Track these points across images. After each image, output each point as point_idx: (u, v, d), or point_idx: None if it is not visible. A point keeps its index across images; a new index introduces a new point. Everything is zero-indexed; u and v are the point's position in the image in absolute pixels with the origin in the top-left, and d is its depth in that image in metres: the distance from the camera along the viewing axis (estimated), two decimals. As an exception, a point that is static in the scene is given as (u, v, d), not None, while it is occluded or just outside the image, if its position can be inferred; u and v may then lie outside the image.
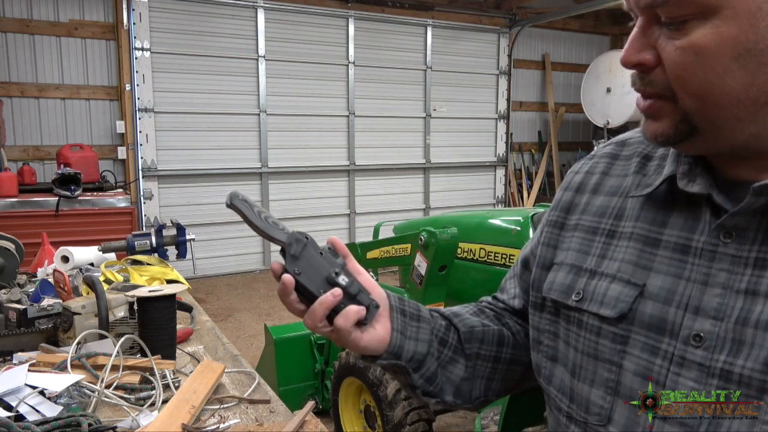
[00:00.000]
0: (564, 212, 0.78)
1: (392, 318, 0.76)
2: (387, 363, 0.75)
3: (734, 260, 0.59)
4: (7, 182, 4.93)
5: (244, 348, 4.32)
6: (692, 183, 0.63)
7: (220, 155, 6.53)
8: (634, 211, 0.69)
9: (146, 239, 2.34)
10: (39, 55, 5.73)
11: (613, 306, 0.65)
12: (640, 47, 0.59)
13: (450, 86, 7.79)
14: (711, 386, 0.58)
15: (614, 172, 0.75)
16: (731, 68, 0.55)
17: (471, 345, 0.81)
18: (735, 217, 0.59)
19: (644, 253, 0.66)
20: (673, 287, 0.62)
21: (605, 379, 0.66)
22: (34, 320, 1.63)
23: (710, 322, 0.59)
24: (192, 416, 1.14)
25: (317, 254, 0.73)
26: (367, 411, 2.71)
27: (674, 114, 0.59)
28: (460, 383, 0.80)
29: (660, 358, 0.62)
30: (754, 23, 0.53)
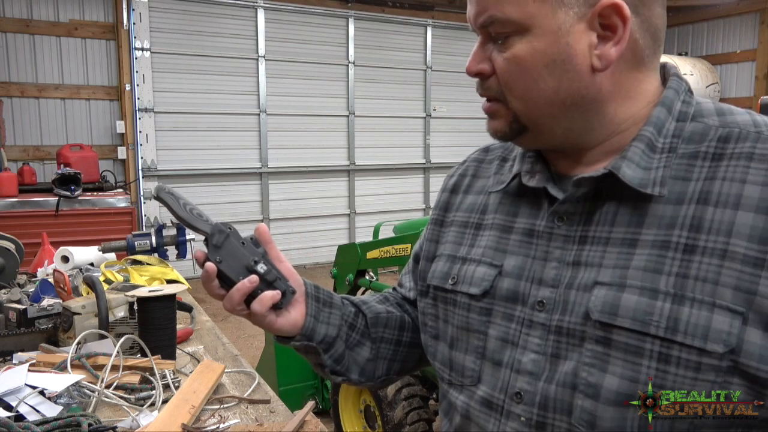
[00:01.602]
0: (443, 211, 0.91)
1: (307, 304, 0.84)
2: (300, 344, 0.83)
3: (565, 239, 0.72)
4: (7, 182, 4.93)
5: (244, 348, 4.32)
6: (532, 178, 0.76)
7: (220, 155, 6.53)
8: (494, 205, 0.83)
9: (146, 239, 2.34)
10: (39, 55, 5.73)
11: (478, 285, 0.78)
12: (479, 59, 0.71)
13: (450, 86, 7.78)
14: (550, 341, 0.70)
15: (480, 174, 0.89)
16: (543, 75, 0.68)
17: (376, 329, 0.91)
18: (563, 204, 0.72)
19: (501, 239, 0.79)
20: (523, 264, 0.75)
21: (475, 347, 0.78)
22: (34, 320, 1.63)
23: (549, 290, 0.71)
24: (192, 416, 1.14)
25: (239, 244, 0.79)
26: (367, 411, 2.71)
27: (507, 114, 0.72)
28: (365, 363, 0.90)
29: (515, 323, 0.74)
30: (556, 39, 0.67)
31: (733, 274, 0.61)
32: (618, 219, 0.69)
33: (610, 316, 0.65)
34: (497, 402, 0.74)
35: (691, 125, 0.70)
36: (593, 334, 0.66)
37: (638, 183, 0.67)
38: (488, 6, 0.68)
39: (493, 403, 0.74)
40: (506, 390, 0.73)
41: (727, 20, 7.44)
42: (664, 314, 0.62)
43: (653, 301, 0.63)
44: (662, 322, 0.62)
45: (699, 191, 0.66)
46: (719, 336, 0.60)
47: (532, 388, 0.70)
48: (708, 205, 0.64)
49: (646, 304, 0.63)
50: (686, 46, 7.87)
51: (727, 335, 0.60)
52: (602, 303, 0.66)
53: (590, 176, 0.69)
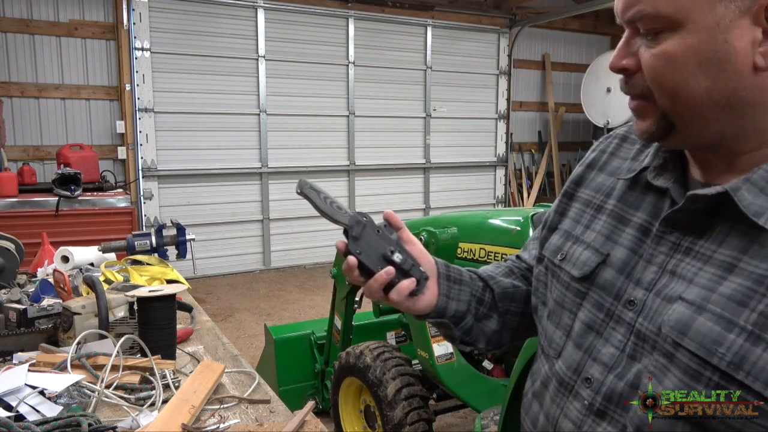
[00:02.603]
0: (575, 185, 0.91)
1: (439, 284, 0.89)
2: (434, 321, 0.90)
3: (673, 246, 0.71)
4: (7, 182, 4.92)
5: (244, 348, 4.32)
6: (659, 177, 0.75)
7: (220, 155, 6.53)
8: (619, 192, 0.82)
9: (146, 239, 2.34)
10: (39, 55, 5.73)
11: (580, 267, 0.80)
12: (624, 55, 0.69)
13: (450, 86, 7.78)
14: (630, 341, 0.72)
15: (619, 153, 0.87)
16: (695, 73, 0.64)
17: (503, 303, 0.96)
18: (678, 212, 0.71)
19: (616, 228, 0.79)
20: (628, 260, 0.75)
21: (565, 324, 0.82)
22: (34, 320, 1.63)
23: (642, 291, 0.72)
24: (192, 416, 1.14)
25: (375, 233, 0.84)
26: (367, 411, 2.71)
27: (655, 113, 0.69)
28: (492, 334, 0.95)
29: (603, 314, 0.76)
30: (713, 36, 0.63)
31: None
32: (727, 240, 0.66)
33: (679, 335, 0.65)
34: (568, 380, 0.78)
35: None
36: (663, 347, 0.67)
37: (753, 211, 0.63)
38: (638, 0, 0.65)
39: (565, 380, 0.79)
40: (579, 372, 0.77)
41: None
42: (733, 348, 0.60)
43: (727, 332, 0.61)
44: (728, 356, 0.60)
45: None
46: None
47: (601, 377, 0.73)
48: None
49: (718, 333, 0.62)
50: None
51: None
52: (676, 320, 0.66)
53: (703, 194, 0.67)
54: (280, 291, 6.09)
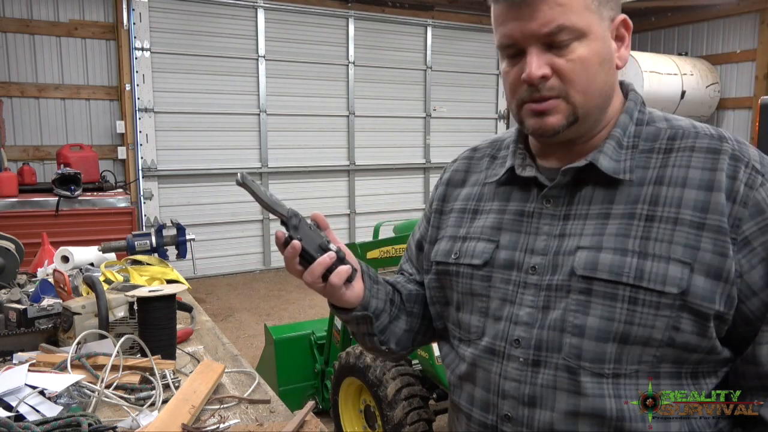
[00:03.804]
0: (441, 201, 1.07)
1: (364, 279, 0.97)
2: (360, 314, 0.96)
3: (552, 217, 0.89)
4: (7, 182, 4.92)
5: (244, 348, 4.32)
6: (524, 170, 0.93)
7: (220, 155, 6.53)
8: (489, 194, 0.99)
9: (146, 239, 2.34)
10: (39, 55, 5.73)
11: (480, 257, 0.94)
12: (540, 65, 0.82)
13: (450, 86, 7.79)
14: (541, 297, 0.86)
15: (472, 169, 1.05)
16: (599, 71, 0.84)
17: (409, 304, 1.06)
18: (552, 189, 0.89)
19: (497, 219, 0.95)
20: (517, 239, 0.91)
21: (479, 308, 0.94)
22: (34, 320, 1.63)
23: (540, 257, 0.88)
24: (192, 416, 1.14)
25: (308, 228, 0.91)
26: (367, 411, 2.71)
27: (566, 109, 0.84)
28: (402, 334, 1.05)
29: (511, 285, 0.90)
30: (605, 42, 0.84)
31: (683, 235, 0.79)
32: (594, 198, 0.87)
33: (591, 271, 0.82)
34: (499, 348, 0.89)
35: (647, 128, 0.90)
36: (577, 287, 0.83)
37: (612, 171, 0.85)
38: (556, 17, 0.80)
39: (496, 349, 0.90)
40: (506, 338, 0.89)
41: (727, 20, 7.42)
42: (633, 267, 0.80)
43: (624, 257, 0.81)
44: (631, 273, 0.79)
45: (656, 176, 0.84)
46: (674, 281, 0.78)
47: (527, 334, 0.86)
48: (662, 185, 0.83)
49: (618, 260, 0.81)
50: (686, 46, 7.86)
51: (679, 280, 0.77)
52: (584, 262, 0.83)
53: (575, 166, 0.87)
54: (280, 291, 6.09)
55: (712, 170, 0.81)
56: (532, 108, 0.85)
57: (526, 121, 0.87)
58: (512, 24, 0.82)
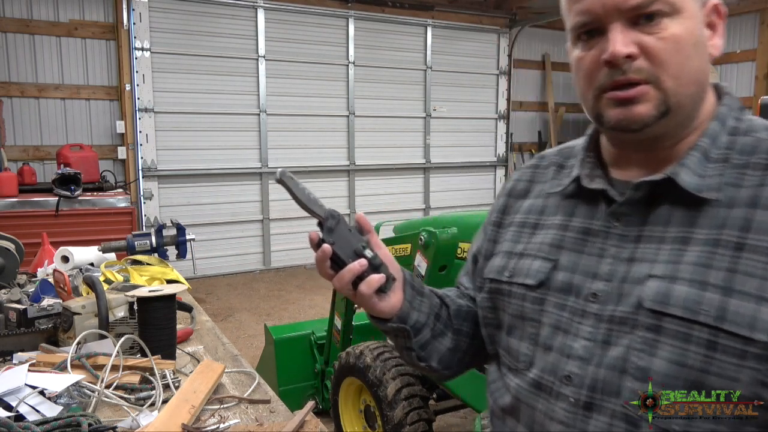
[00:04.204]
0: (501, 213, 0.97)
1: (405, 290, 0.90)
2: (396, 326, 0.89)
3: (621, 238, 0.78)
4: (7, 182, 4.92)
5: (244, 348, 4.32)
6: (592, 181, 0.83)
7: (220, 155, 6.53)
8: (553, 207, 0.89)
9: (146, 239, 2.34)
10: (39, 55, 5.72)
11: (534, 276, 0.84)
12: (626, 42, 0.72)
13: (450, 86, 7.78)
14: (601, 329, 0.75)
15: (537, 179, 0.95)
16: (692, 54, 0.73)
17: (458, 321, 0.97)
18: (621, 206, 0.78)
19: (557, 236, 0.85)
20: (578, 260, 0.81)
21: (530, 334, 0.84)
22: (34, 320, 1.63)
23: (603, 283, 0.77)
24: (192, 416, 1.14)
25: (347, 230, 0.85)
26: (367, 411, 2.71)
27: (656, 96, 0.73)
28: (445, 353, 0.96)
29: (567, 312, 0.79)
30: (698, 22, 0.74)
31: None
32: (672, 220, 0.74)
33: (662, 305, 0.70)
34: (547, 383, 0.79)
35: (743, 139, 0.76)
36: (644, 322, 0.71)
37: (695, 188, 0.73)
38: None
39: (543, 384, 0.80)
40: (556, 373, 0.78)
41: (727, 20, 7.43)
42: (713, 304, 0.67)
43: (703, 292, 0.68)
44: (711, 312, 0.67)
45: (749, 196, 0.71)
46: (765, 326, 0.64)
47: (581, 371, 0.75)
48: (757, 208, 0.70)
49: (696, 294, 0.68)
50: (686, 46, 7.87)
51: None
52: (654, 293, 0.71)
53: (651, 180, 0.75)
54: (280, 291, 6.09)
55: None
56: (616, 96, 0.73)
57: (606, 114, 0.75)
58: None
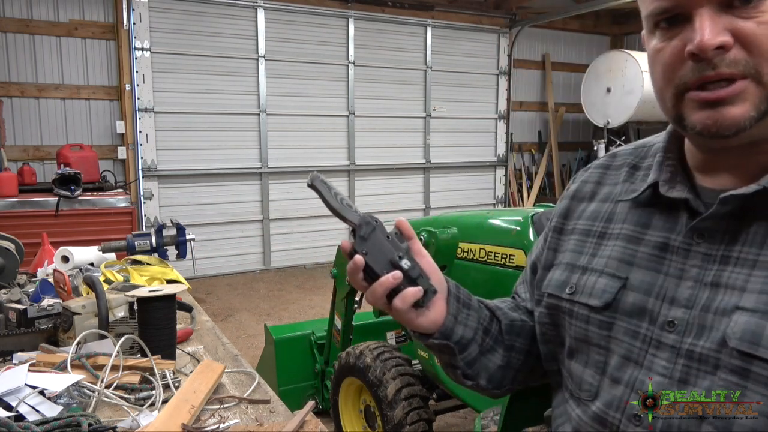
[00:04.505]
0: (563, 218, 0.87)
1: (449, 302, 0.82)
2: (438, 342, 0.81)
3: (705, 257, 0.67)
4: (7, 182, 4.92)
5: (244, 348, 4.32)
6: (672, 189, 0.72)
7: (220, 155, 6.53)
8: (622, 215, 0.78)
9: (146, 239, 2.34)
10: (39, 55, 5.72)
11: (599, 296, 0.74)
12: (717, 31, 0.60)
13: (450, 86, 7.78)
14: (678, 365, 0.66)
15: (606, 181, 0.84)
16: None
17: (510, 337, 0.88)
18: (706, 221, 0.67)
19: (628, 250, 0.74)
20: (653, 280, 0.71)
21: (596, 361, 0.75)
22: (34, 320, 1.63)
23: (682, 310, 0.67)
24: (192, 416, 1.14)
25: (384, 238, 0.78)
26: (367, 411, 2.71)
27: (756, 94, 0.61)
28: (495, 370, 0.87)
29: (639, 341, 0.70)
30: None
31: None
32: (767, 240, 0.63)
33: (751, 346, 0.60)
34: (612, 420, 0.71)
35: None
36: (729, 363, 0.61)
37: None
38: None
39: (608, 421, 0.71)
40: (624, 410, 0.69)
41: None
42: None
43: None
44: None
45: None
46: None
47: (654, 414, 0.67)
48: None
49: None
50: (686, 46, 7.87)
51: None
52: (742, 330, 0.61)
53: (740, 194, 0.64)
54: (280, 291, 6.09)
55: None
56: (702, 97, 0.62)
57: (689, 117, 0.64)
58: None
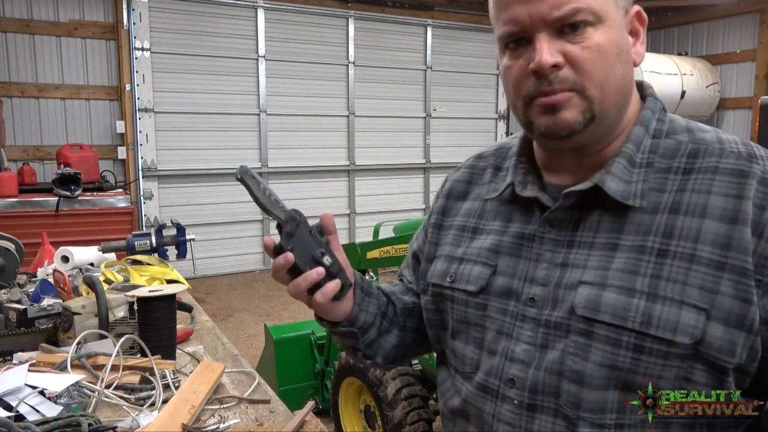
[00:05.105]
0: (441, 215, 0.97)
1: (355, 293, 0.90)
2: (345, 329, 0.90)
3: (555, 243, 0.79)
4: (7, 182, 4.92)
5: (244, 348, 4.32)
6: (525, 189, 0.83)
7: (220, 155, 6.53)
8: (491, 212, 0.89)
9: (146, 239, 2.34)
10: (39, 55, 5.72)
11: (475, 282, 0.85)
12: (552, 52, 0.72)
13: (450, 86, 7.78)
14: (539, 333, 0.77)
15: (475, 180, 0.95)
16: (616, 62, 0.73)
17: (404, 318, 0.98)
18: (553, 212, 0.79)
19: (495, 241, 0.86)
20: (516, 264, 0.82)
21: (474, 338, 0.85)
22: (34, 320, 1.63)
23: (540, 288, 0.79)
24: (192, 416, 1.14)
25: (307, 233, 0.82)
26: (367, 411, 2.71)
27: (581, 104, 0.73)
28: (390, 349, 0.97)
29: (508, 317, 0.81)
30: (621, 31, 0.75)
31: (699, 275, 0.69)
32: (601, 226, 0.76)
33: (593, 312, 0.72)
34: (492, 386, 0.82)
35: (665, 141, 0.78)
36: (577, 327, 0.74)
37: (620, 195, 0.75)
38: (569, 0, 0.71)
39: (489, 387, 0.82)
40: (500, 376, 0.81)
41: (727, 20, 7.42)
42: (639, 310, 0.70)
43: (630, 299, 0.71)
44: (638, 318, 0.70)
45: (671, 202, 0.73)
46: (686, 330, 0.68)
47: (523, 374, 0.78)
48: (678, 214, 0.72)
49: (624, 301, 0.71)
50: (686, 46, 7.86)
51: (693, 329, 0.68)
52: (585, 300, 0.73)
53: (578, 189, 0.76)
54: (280, 291, 6.09)
55: (737, 198, 0.69)
56: (543, 102, 0.74)
57: (536, 121, 0.76)
58: (518, 7, 0.72)
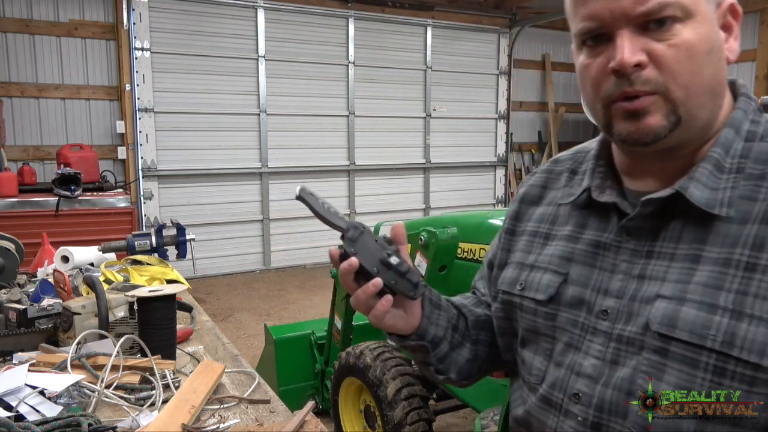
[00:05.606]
0: (514, 221, 0.95)
1: (423, 305, 0.87)
2: (415, 344, 0.87)
3: (633, 253, 0.75)
4: (7, 182, 4.92)
5: (244, 348, 4.32)
6: (603, 194, 0.80)
7: (220, 155, 6.53)
8: (564, 217, 0.86)
9: (146, 239, 2.34)
10: (39, 55, 5.72)
11: (544, 291, 0.82)
12: (635, 50, 0.67)
13: (450, 86, 7.78)
14: (610, 348, 0.74)
15: (550, 185, 0.92)
16: (705, 61, 0.68)
17: (476, 331, 0.95)
18: (632, 220, 0.75)
19: (568, 248, 0.82)
20: (589, 274, 0.79)
21: (544, 349, 0.83)
22: (34, 320, 1.63)
23: (614, 300, 0.75)
24: (192, 416, 1.14)
25: (372, 241, 0.82)
26: (367, 411, 2.71)
27: (664, 107, 0.69)
28: (464, 364, 0.94)
29: (578, 329, 0.78)
30: (713, 27, 0.70)
31: None
32: (684, 236, 0.71)
33: (669, 328, 0.67)
34: (556, 400, 0.78)
35: (759, 145, 0.72)
36: (651, 344, 0.69)
37: (705, 203, 0.69)
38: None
39: (553, 400, 0.79)
40: (565, 390, 0.77)
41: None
42: (722, 329, 0.64)
43: (711, 315, 0.65)
44: (719, 337, 0.64)
45: (764, 211, 0.67)
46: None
47: (589, 390, 0.74)
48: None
49: (704, 318, 0.66)
50: (686, 46, 7.87)
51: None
52: (662, 315, 0.68)
53: (659, 197, 0.72)
54: (280, 291, 6.09)
55: None
56: (625, 107, 0.69)
57: (616, 126, 0.71)
58: (598, 2, 0.68)
